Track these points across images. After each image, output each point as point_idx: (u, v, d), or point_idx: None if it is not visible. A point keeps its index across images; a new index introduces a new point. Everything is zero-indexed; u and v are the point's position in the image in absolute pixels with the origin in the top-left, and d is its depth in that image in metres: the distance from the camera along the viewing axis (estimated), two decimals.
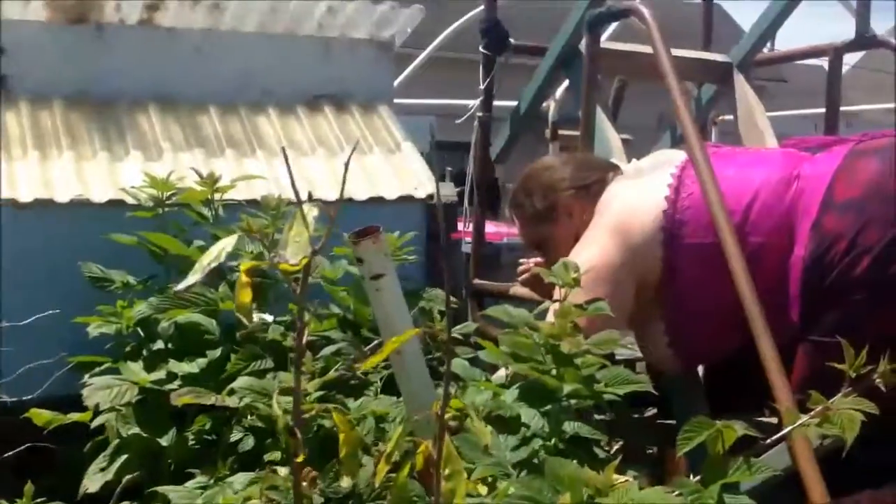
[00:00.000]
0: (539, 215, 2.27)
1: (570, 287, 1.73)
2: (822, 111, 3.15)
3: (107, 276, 2.24)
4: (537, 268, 2.30)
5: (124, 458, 1.89)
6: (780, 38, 3.51)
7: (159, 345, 2.05)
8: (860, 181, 1.88)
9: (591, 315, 1.74)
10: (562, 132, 3.91)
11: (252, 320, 1.04)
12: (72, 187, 2.39)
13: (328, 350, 1.94)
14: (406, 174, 2.78)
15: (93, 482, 1.88)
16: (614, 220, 2.07)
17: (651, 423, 2.25)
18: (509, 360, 1.67)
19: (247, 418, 1.76)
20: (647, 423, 2.25)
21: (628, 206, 2.08)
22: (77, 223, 2.35)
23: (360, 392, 1.84)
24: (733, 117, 3.08)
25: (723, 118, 4.81)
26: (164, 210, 2.34)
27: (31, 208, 2.32)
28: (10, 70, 2.59)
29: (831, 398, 1.43)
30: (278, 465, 1.48)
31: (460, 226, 3.07)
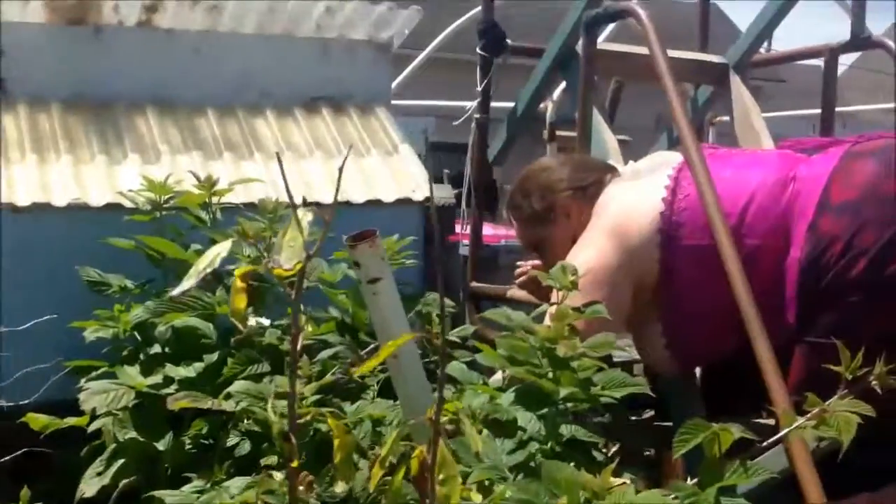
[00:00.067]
0: (537, 216, 2.27)
1: (567, 290, 1.73)
2: (819, 112, 3.15)
3: (104, 280, 2.23)
4: (535, 270, 2.31)
5: (121, 462, 1.89)
6: (777, 37, 3.52)
7: (156, 349, 2.05)
8: (856, 183, 1.88)
9: (589, 318, 1.74)
10: (559, 133, 3.90)
11: (247, 326, 1.04)
12: (69, 191, 2.39)
13: (325, 354, 1.94)
14: (404, 176, 2.78)
15: (89, 487, 1.87)
16: (611, 222, 2.07)
17: (648, 425, 2.25)
18: (506, 363, 1.67)
19: (243, 422, 1.76)
20: (644, 425, 2.25)
21: (625, 208, 2.08)
22: (74, 227, 2.34)
23: (358, 396, 1.85)
24: (730, 118, 3.08)
25: (720, 119, 4.82)
26: (162, 213, 2.33)
27: (28, 212, 2.32)
28: (9, 73, 2.58)
29: (828, 400, 1.43)
30: (275, 470, 1.47)
31: (458, 228, 3.06)
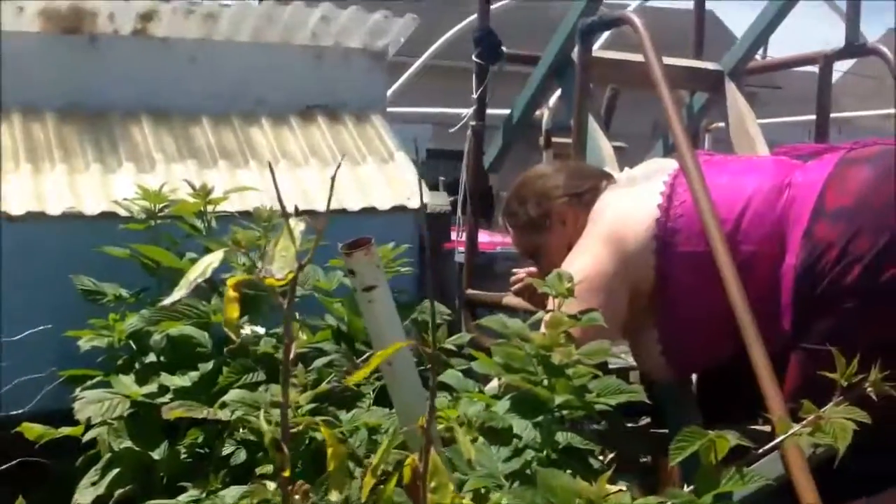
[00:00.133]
0: (533, 223, 2.26)
1: (563, 298, 1.73)
2: (814, 118, 3.15)
3: (99, 289, 2.23)
4: (531, 278, 2.31)
5: (116, 471, 1.89)
6: (773, 40, 3.52)
7: (151, 358, 2.04)
8: (851, 189, 1.88)
9: (585, 325, 1.74)
10: (555, 140, 3.91)
11: (240, 335, 1.04)
12: (64, 200, 2.39)
13: (320, 362, 1.93)
14: (399, 184, 2.77)
15: (84, 496, 1.87)
16: (607, 228, 2.07)
17: (644, 432, 2.24)
18: (501, 371, 1.67)
19: (239, 431, 1.76)
20: (640, 432, 2.24)
21: (621, 214, 2.08)
22: (69, 236, 2.34)
23: (353, 404, 1.84)
24: (725, 125, 3.08)
25: (716, 126, 4.83)
26: (157, 222, 2.33)
27: (23, 221, 2.31)
28: (3, 81, 2.56)
29: (823, 407, 1.42)
30: (270, 479, 1.47)
31: (454, 235, 3.06)
